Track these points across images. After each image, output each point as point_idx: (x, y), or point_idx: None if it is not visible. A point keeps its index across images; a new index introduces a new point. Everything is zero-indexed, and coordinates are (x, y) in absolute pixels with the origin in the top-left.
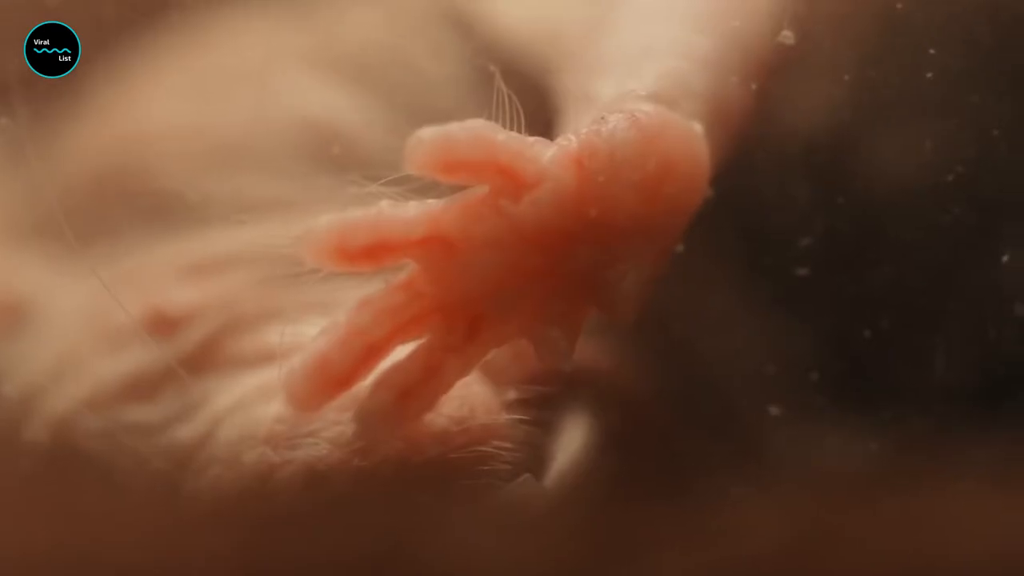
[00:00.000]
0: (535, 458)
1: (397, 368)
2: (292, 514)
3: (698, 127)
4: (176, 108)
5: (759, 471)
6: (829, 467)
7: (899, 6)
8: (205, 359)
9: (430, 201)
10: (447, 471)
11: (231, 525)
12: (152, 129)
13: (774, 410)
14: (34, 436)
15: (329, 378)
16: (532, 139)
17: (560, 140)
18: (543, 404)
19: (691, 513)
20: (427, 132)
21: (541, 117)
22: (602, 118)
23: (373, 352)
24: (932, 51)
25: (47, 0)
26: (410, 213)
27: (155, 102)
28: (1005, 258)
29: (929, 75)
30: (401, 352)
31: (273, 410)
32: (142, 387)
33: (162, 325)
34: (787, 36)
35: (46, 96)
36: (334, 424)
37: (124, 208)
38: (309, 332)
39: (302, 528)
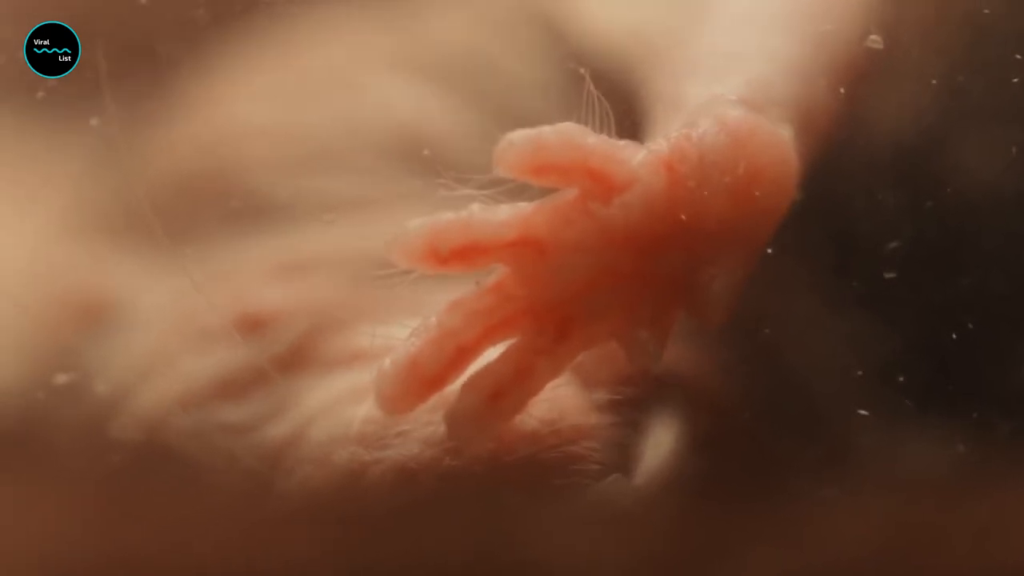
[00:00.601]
0: (624, 458)
1: (488, 370)
2: (383, 513)
3: (787, 131)
4: (266, 109)
5: (846, 474)
6: (916, 469)
7: (986, 11)
8: (296, 359)
9: (521, 204)
10: (537, 471)
11: (322, 524)
12: (242, 130)
13: (861, 413)
14: (124, 434)
15: (420, 379)
16: (622, 142)
17: (650, 144)
18: (632, 405)
19: (778, 515)
20: (518, 135)
21: (629, 120)
22: (692, 122)
23: (464, 354)
24: (1019, 56)
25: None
26: (501, 216)
27: (245, 103)
28: None
29: (1016, 80)
30: (492, 354)
31: (363, 411)
32: (233, 387)
33: (253, 325)
34: (875, 40)
35: (137, 96)
36: (426, 424)
37: (215, 208)
38: (399, 334)
39: (393, 527)
